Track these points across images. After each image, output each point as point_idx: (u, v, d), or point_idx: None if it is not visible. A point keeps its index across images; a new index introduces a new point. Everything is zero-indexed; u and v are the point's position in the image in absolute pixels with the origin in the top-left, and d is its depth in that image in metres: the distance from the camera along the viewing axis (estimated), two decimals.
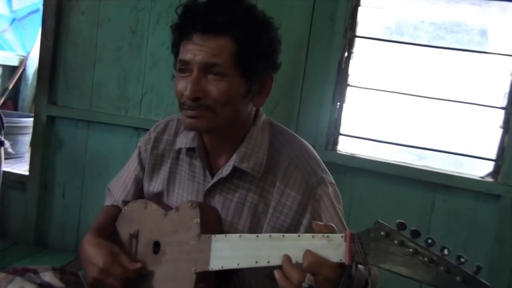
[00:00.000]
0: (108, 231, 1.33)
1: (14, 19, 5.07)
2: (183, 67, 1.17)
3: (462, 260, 0.84)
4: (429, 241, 0.86)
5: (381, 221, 0.92)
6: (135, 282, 1.24)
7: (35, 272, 1.25)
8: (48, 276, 1.25)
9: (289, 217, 1.21)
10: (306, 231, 1.18)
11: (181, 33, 1.18)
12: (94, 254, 1.21)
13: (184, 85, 1.16)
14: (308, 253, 0.97)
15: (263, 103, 1.26)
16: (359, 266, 1.02)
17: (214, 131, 1.23)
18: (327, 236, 0.98)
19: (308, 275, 0.96)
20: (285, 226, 1.21)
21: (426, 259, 0.86)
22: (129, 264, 1.20)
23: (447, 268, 0.84)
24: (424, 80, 2.43)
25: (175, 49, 1.22)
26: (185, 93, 1.14)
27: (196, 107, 1.15)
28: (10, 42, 5.07)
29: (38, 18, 4.53)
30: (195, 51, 1.14)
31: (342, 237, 0.96)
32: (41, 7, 2.84)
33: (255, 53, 1.17)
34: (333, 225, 1.02)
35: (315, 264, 0.96)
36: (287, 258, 1.00)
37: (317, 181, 1.23)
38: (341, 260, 0.95)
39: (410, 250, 0.87)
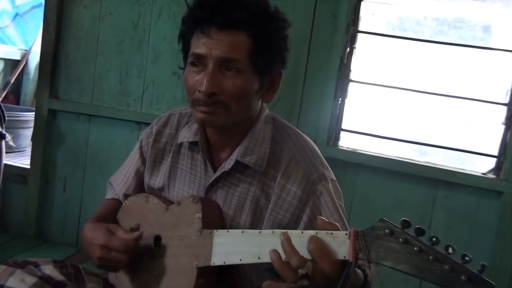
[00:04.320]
0: (107, 221, 1.32)
1: (16, 14, 5.06)
2: (196, 61, 1.16)
3: (467, 258, 0.83)
4: (434, 239, 0.86)
5: (385, 218, 0.92)
6: (136, 275, 1.25)
7: (36, 265, 1.24)
8: (48, 269, 1.25)
9: (289, 212, 1.21)
10: (306, 227, 1.18)
11: (196, 25, 1.16)
12: (92, 235, 1.21)
13: (197, 79, 1.15)
14: (316, 238, 0.96)
15: (272, 98, 1.26)
16: (357, 269, 1.02)
17: (225, 127, 1.22)
18: (331, 233, 0.97)
19: (308, 263, 0.96)
20: (285, 221, 1.21)
21: (430, 257, 0.85)
22: (128, 234, 1.19)
23: (452, 267, 0.83)
24: (426, 76, 2.42)
25: (184, 40, 1.21)
26: (200, 88, 1.13)
27: (212, 103, 1.14)
28: (12, 38, 5.06)
29: (40, 13, 4.52)
30: (211, 45, 1.12)
31: (346, 234, 0.96)
32: (43, 1, 2.84)
33: (270, 49, 1.17)
34: (337, 224, 1.01)
35: (320, 252, 0.95)
36: (287, 237, 0.99)
37: (318, 177, 1.22)
38: (345, 257, 0.95)
39: (415, 248, 0.87)
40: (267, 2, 1.19)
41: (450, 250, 0.85)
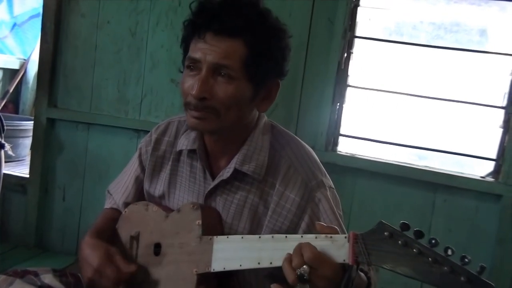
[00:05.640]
0: (107, 233, 1.33)
1: (15, 24, 5.08)
2: (192, 65, 1.17)
3: (466, 260, 0.84)
4: (433, 241, 0.86)
5: (384, 221, 0.92)
6: (135, 284, 1.25)
7: (36, 274, 1.24)
8: (48, 278, 1.25)
9: (287, 220, 1.21)
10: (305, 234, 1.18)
11: (194, 30, 1.17)
12: (90, 254, 1.21)
13: (191, 83, 1.15)
14: (310, 247, 0.97)
15: (268, 108, 1.26)
16: (360, 273, 1.03)
17: (217, 133, 1.23)
18: (330, 237, 0.98)
19: (305, 266, 0.96)
20: (283, 229, 1.21)
21: (430, 259, 0.86)
22: (124, 265, 1.19)
23: (451, 268, 0.84)
24: (424, 80, 2.43)
25: (185, 45, 1.22)
26: (192, 92, 1.13)
27: (202, 108, 1.14)
28: (11, 48, 5.08)
29: (38, 22, 4.53)
30: (206, 50, 1.13)
31: (345, 237, 0.96)
32: (41, 11, 2.85)
33: (265, 59, 1.16)
34: (336, 227, 1.02)
35: (315, 260, 0.96)
36: (311, 246, 0.99)
37: (317, 184, 1.22)
38: (344, 260, 0.95)
39: (414, 250, 0.87)
40: (268, 11, 1.19)
41: (449, 252, 0.85)
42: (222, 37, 1.13)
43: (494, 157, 2.35)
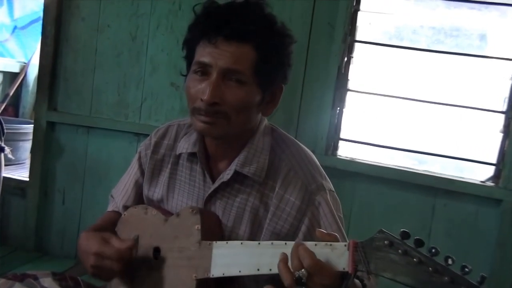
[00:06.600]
0: (105, 232, 1.32)
1: (15, 27, 5.08)
2: (200, 69, 1.16)
3: (467, 270, 0.83)
4: (433, 250, 0.86)
5: (384, 230, 0.92)
6: (136, 281, 1.24)
7: (35, 278, 1.24)
8: (47, 282, 1.25)
9: (287, 223, 1.21)
10: (305, 238, 1.18)
11: (202, 34, 1.16)
12: (87, 244, 1.20)
13: (200, 88, 1.15)
14: (309, 253, 0.96)
15: (272, 112, 1.27)
16: (356, 280, 1.02)
17: (224, 137, 1.23)
18: (330, 245, 0.97)
19: (303, 270, 0.96)
20: (283, 232, 1.21)
21: (430, 269, 0.85)
22: (121, 243, 1.18)
23: (452, 278, 0.83)
24: (423, 84, 2.43)
25: (188, 48, 1.22)
26: (203, 97, 1.13)
27: (212, 113, 1.14)
28: (12, 51, 5.08)
29: (39, 26, 4.54)
30: (216, 55, 1.13)
31: (345, 245, 0.96)
32: (41, 14, 2.85)
33: (273, 64, 1.18)
34: (336, 234, 1.01)
35: (314, 266, 0.95)
36: (304, 246, 0.99)
37: (317, 188, 1.22)
38: (344, 268, 0.95)
39: (414, 259, 0.87)
40: (274, 17, 1.20)
41: (450, 261, 0.85)
42: (232, 42, 1.13)
43: (494, 161, 2.35)
